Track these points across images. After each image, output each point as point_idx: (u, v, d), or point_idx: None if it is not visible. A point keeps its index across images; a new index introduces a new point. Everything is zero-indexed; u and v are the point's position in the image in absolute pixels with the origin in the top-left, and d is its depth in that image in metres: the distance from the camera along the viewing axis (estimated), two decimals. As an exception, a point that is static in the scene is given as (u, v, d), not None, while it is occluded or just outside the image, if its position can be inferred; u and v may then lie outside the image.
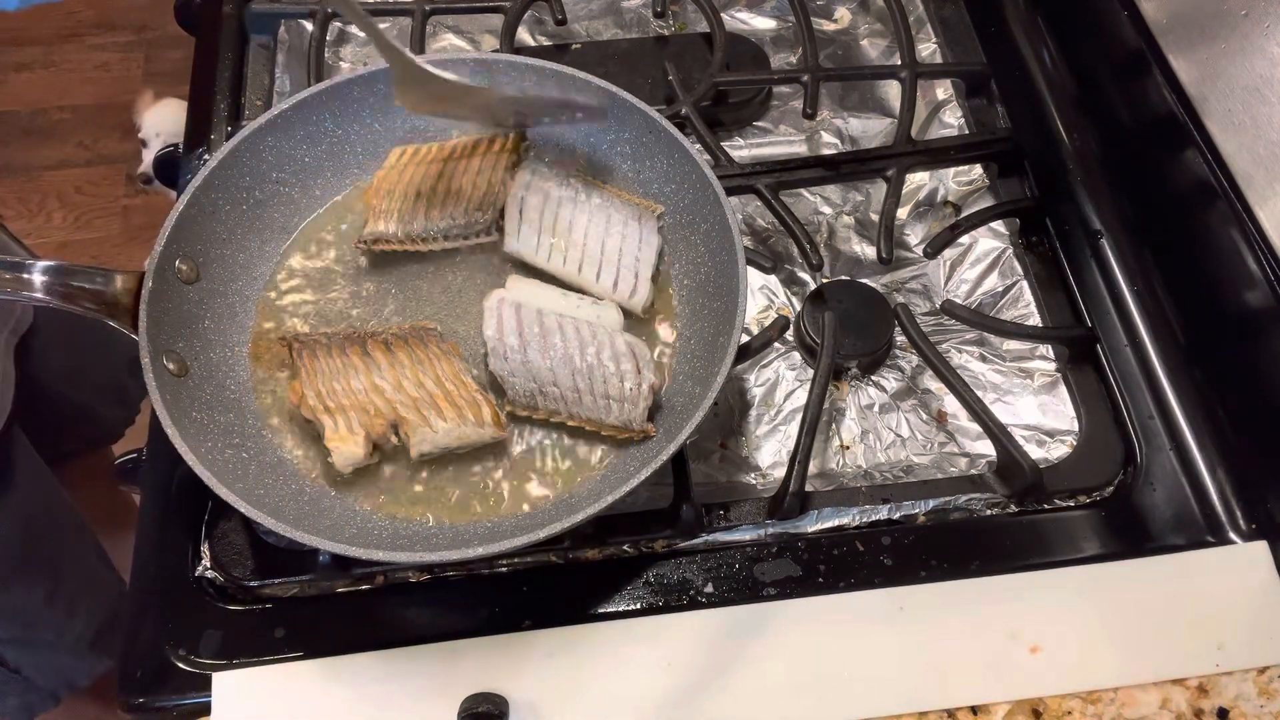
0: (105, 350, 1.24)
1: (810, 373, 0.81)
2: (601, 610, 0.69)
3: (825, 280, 0.84)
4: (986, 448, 0.77)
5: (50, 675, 1.13)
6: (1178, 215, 0.81)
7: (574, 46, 0.98)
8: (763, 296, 0.86)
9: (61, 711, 1.17)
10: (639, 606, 0.69)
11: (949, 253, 0.86)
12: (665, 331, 0.76)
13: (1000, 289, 0.85)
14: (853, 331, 0.79)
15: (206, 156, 0.75)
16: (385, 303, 0.77)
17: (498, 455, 0.70)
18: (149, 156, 1.99)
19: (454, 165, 0.78)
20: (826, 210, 0.90)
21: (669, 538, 0.72)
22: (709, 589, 0.70)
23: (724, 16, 0.98)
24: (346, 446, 0.66)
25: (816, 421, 0.73)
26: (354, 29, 1.02)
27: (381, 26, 1.01)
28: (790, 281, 0.87)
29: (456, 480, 0.70)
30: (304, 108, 0.77)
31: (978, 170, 0.92)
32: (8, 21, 2.47)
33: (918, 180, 0.91)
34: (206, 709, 0.66)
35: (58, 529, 1.12)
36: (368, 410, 0.68)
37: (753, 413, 0.80)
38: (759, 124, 0.96)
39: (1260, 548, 0.70)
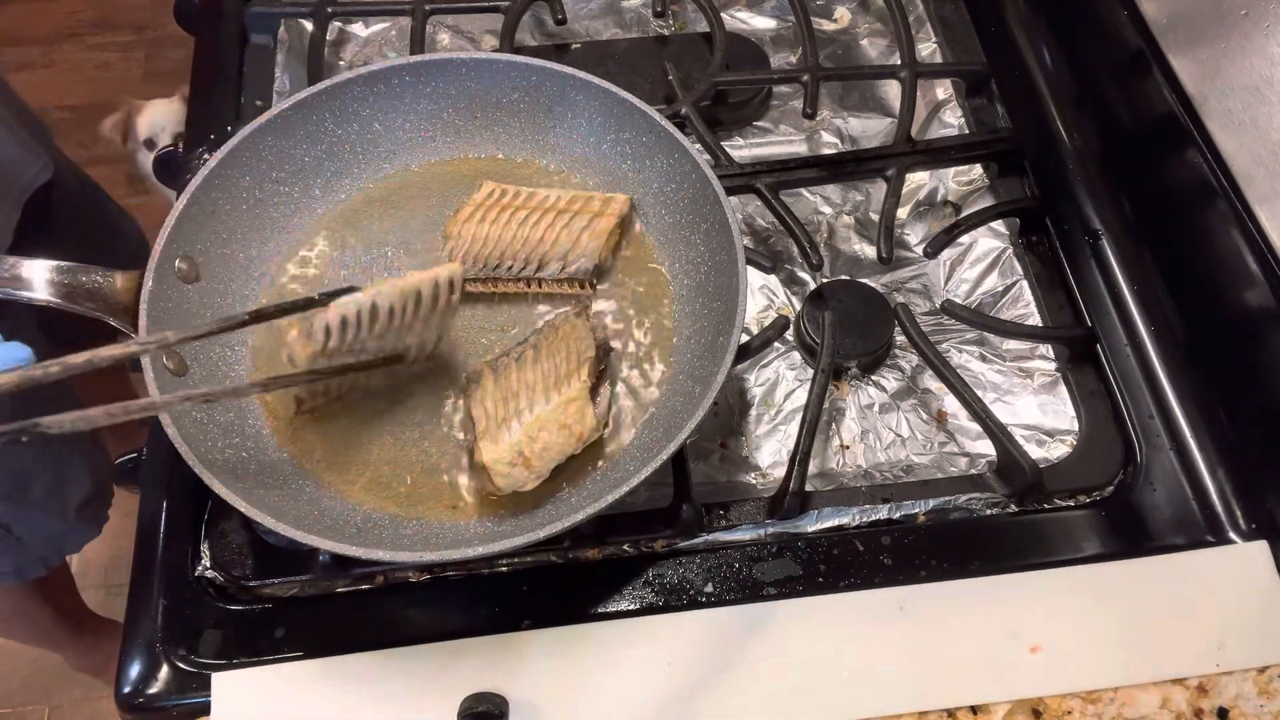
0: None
1: (810, 373, 0.81)
2: (601, 610, 0.69)
3: (825, 280, 0.84)
4: (986, 447, 0.77)
5: (40, 539, 1.12)
6: (1178, 215, 0.81)
7: (574, 46, 0.98)
8: (763, 296, 0.86)
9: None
10: (639, 606, 0.69)
11: (949, 252, 0.86)
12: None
13: (1000, 289, 0.85)
14: (853, 331, 0.79)
15: (206, 156, 0.75)
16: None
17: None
18: (149, 156, 1.97)
19: (549, 216, 0.76)
20: (826, 210, 0.90)
21: (669, 537, 0.71)
22: (709, 589, 0.70)
23: (724, 16, 0.98)
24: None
25: (816, 421, 0.73)
26: (354, 29, 1.02)
27: (381, 26, 1.02)
28: (790, 281, 0.87)
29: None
30: (304, 108, 0.76)
31: (978, 170, 0.92)
32: (8, 21, 2.47)
33: (918, 180, 0.91)
34: (206, 709, 0.66)
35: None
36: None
37: (753, 413, 0.80)
38: (759, 124, 0.96)
39: (1260, 548, 0.70)
